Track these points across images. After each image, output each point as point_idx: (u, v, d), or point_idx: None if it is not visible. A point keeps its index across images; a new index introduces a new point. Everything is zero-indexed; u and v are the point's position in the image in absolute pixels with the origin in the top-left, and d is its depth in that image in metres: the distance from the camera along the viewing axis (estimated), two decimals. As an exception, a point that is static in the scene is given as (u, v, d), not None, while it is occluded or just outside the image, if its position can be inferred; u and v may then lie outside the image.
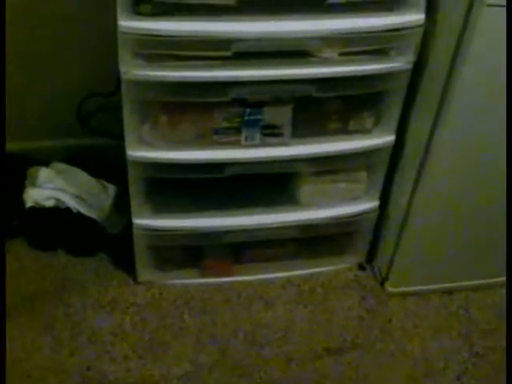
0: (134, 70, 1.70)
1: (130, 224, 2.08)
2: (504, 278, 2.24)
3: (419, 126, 1.95)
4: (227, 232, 2.12)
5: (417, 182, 1.98)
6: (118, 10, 1.62)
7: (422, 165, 1.93)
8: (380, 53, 1.81)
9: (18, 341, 2.01)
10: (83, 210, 2.27)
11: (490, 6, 1.57)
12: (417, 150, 1.95)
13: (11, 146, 2.29)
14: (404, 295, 2.27)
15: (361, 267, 2.37)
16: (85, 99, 2.38)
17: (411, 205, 2.04)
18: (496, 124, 1.81)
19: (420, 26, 1.75)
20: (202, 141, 1.91)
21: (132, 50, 1.68)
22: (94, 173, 2.38)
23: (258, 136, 1.92)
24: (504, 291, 2.29)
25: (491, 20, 1.60)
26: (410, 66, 1.83)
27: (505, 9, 1.57)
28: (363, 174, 2.14)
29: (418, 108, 1.95)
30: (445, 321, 2.22)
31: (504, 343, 2.13)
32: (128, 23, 1.62)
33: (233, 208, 2.12)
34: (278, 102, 1.88)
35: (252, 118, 1.87)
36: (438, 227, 2.08)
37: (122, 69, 1.70)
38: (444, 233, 2.10)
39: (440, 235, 2.11)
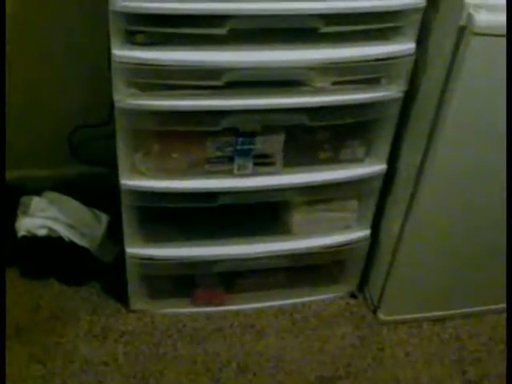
0: (127, 99, 1.71)
1: (122, 253, 2.08)
2: (496, 306, 2.26)
3: (410, 153, 1.96)
4: (219, 261, 2.12)
5: (408, 209, 1.99)
6: (112, 39, 1.63)
7: (414, 193, 1.94)
8: (371, 82, 1.82)
9: (9, 370, 1.99)
10: (75, 239, 2.26)
11: (477, 34, 1.59)
12: (408, 178, 1.95)
13: (3, 174, 2.29)
14: (396, 323, 2.27)
15: (353, 295, 2.37)
16: (74, 130, 2.40)
17: (403, 233, 2.04)
18: (488, 152, 1.83)
19: (411, 54, 1.76)
20: (195, 170, 1.92)
21: (126, 79, 1.69)
22: (86, 202, 2.38)
23: (250, 165, 1.92)
24: (496, 318, 2.29)
25: (480, 48, 1.61)
26: (401, 95, 1.85)
27: (492, 38, 1.59)
28: (354, 203, 2.15)
29: (409, 136, 1.96)
30: (437, 348, 2.22)
31: (496, 370, 2.14)
32: (122, 52, 1.63)
33: (224, 237, 2.12)
34: (269, 131, 1.89)
35: (245, 147, 1.88)
36: (430, 255, 2.08)
37: (116, 97, 1.71)
38: (436, 261, 2.10)
39: (432, 263, 2.11)
